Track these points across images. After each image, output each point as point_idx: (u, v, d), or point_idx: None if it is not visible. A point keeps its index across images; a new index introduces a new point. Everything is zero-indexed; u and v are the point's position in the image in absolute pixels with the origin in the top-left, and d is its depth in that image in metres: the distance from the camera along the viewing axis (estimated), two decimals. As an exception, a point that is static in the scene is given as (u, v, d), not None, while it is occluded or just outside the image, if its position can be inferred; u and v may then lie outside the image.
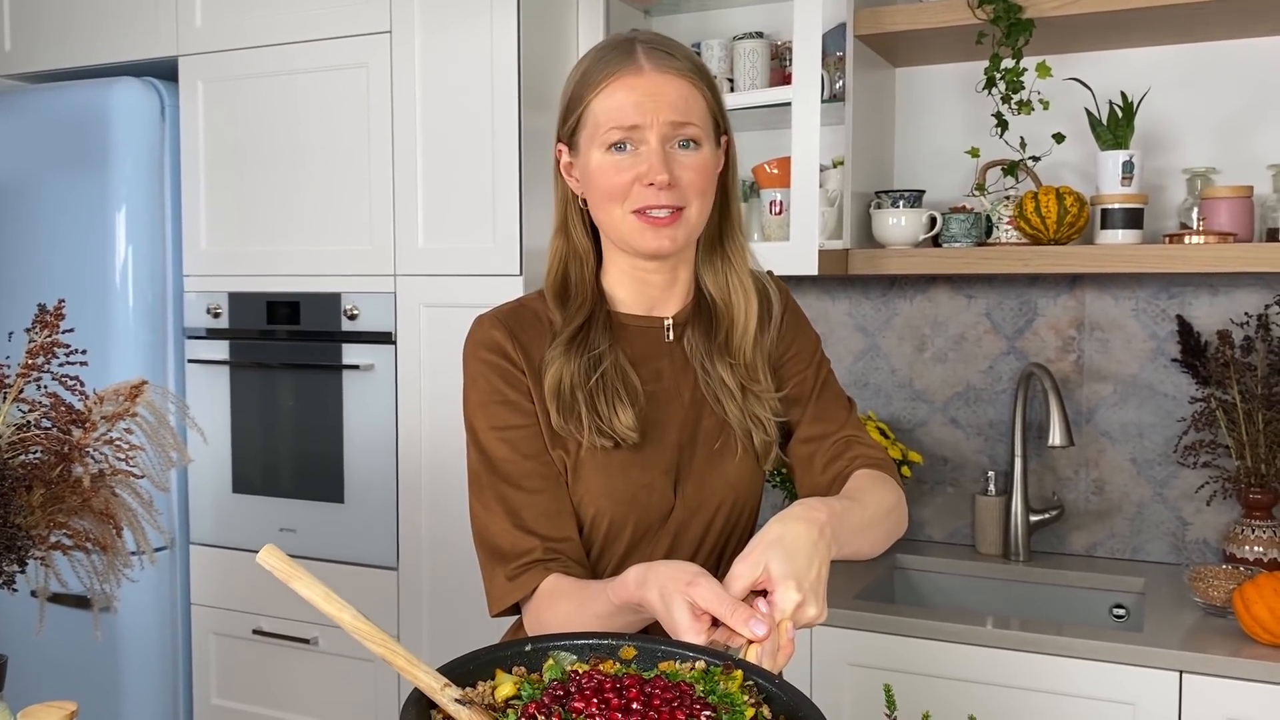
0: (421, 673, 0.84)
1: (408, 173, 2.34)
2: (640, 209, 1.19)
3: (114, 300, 2.56)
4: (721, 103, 1.25)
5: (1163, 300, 2.27)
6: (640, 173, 1.17)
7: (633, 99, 1.17)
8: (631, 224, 1.20)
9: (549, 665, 0.88)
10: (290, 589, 0.86)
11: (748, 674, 0.86)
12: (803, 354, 1.34)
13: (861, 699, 1.94)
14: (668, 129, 1.17)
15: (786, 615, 0.96)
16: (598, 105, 1.19)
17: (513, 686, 0.84)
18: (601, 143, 1.19)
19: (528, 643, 0.91)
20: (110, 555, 1.40)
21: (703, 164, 1.20)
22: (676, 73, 1.19)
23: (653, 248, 1.20)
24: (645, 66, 1.18)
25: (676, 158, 1.18)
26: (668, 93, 1.17)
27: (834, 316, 2.54)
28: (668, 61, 1.19)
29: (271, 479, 2.55)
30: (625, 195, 1.19)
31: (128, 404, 1.40)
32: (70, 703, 1.21)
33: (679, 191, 1.18)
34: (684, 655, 0.90)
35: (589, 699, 0.78)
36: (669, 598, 0.97)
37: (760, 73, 2.36)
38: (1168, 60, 2.26)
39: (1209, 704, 1.73)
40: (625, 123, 1.17)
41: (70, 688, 2.52)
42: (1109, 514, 2.33)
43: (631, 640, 0.91)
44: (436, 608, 2.36)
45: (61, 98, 2.63)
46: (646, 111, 1.17)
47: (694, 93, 1.20)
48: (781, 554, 0.98)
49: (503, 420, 1.23)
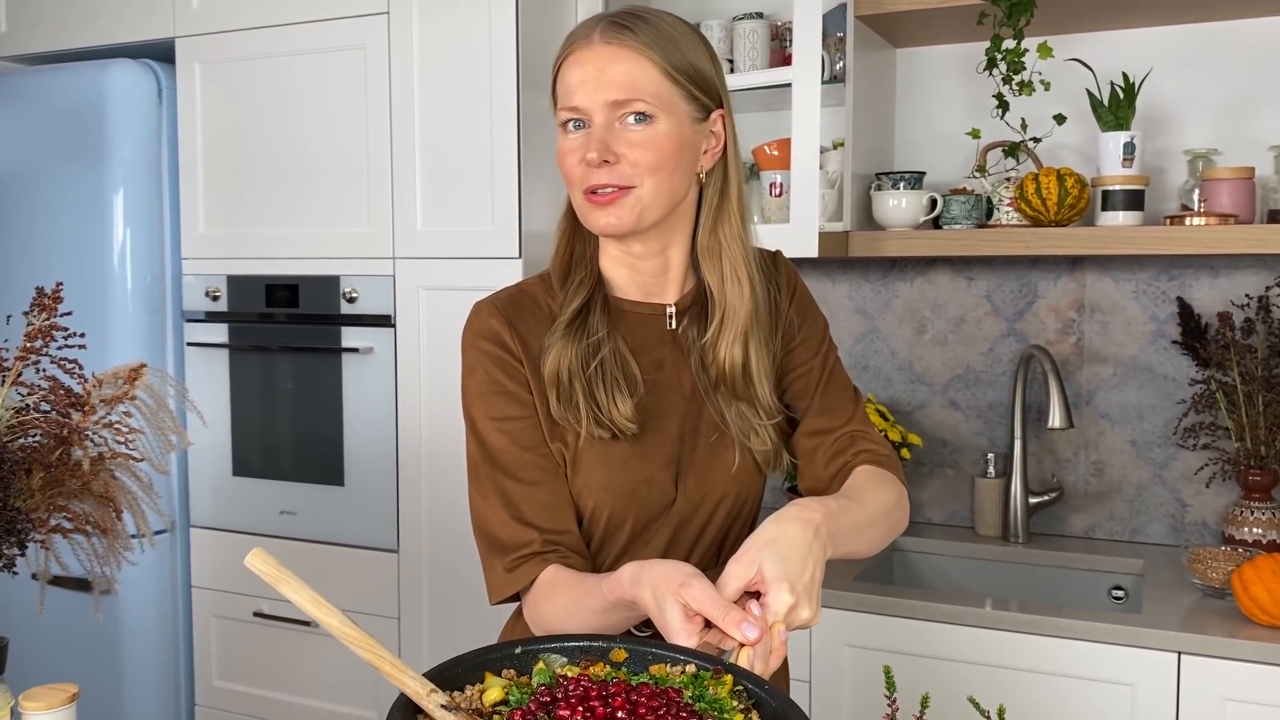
0: (408, 678, 0.83)
1: (406, 155, 2.33)
2: (586, 188, 1.17)
3: (112, 283, 2.55)
4: (702, 76, 1.19)
5: (1163, 282, 2.27)
6: (584, 154, 1.16)
7: (577, 77, 1.16)
8: (582, 204, 1.19)
9: (538, 669, 0.87)
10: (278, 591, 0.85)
11: (738, 679, 0.85)
12: (810, 341, 1.31)
13: (861, 680, 1.95)
14: (609, 108, 1.15)
15: (779, 618, 0.95)
16: (559, 83, 1.19)
17: (501, 691, 0.83)
18: (560, 121, 1.19)
19: (518, 645, 0.90)
20: (110, 538, 1.40)
21: (654, 139, 1.15)
22: (623, 45, 1.15)
23: (599, 226, 1.18)
24: (595, 40, 1.16)
25: (621, 135, 1.15)
26: (611, 69, 1.14)
27: (834, 299, 2.53)
28: (620, 35, 1.15)
29: (271, 462, 2.55)
30: (574, 177, 1.18)
31: (127, 387, 1.40)
32: (71, 685, 1.21)
33: (621, 171, 1.15)
34: (675, 658, 0.89)
35: (574, 706, 0.78)
36: (662, 598, 0.96)
37: (760, 53, 2.35)
38: (1169, 41, 2.25)
39: (1207, 685, 1.74)
40: (570, 103, 1.16)
41: (71, 670, 2.53)
42: (1108, 496, 2.34)
43: (622, 643, 0.90)
44: (436, 590, 2.36)
45: (58, 80, 2.62)
46: (588, 91, 1.15)
47: (645, 66, 1.15)
48: (775, 556, 0.97)
49: (501, 411, 1.21)
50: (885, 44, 2.41)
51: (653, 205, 1.17)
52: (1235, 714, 1.72)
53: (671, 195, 1.19)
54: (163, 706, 2.64)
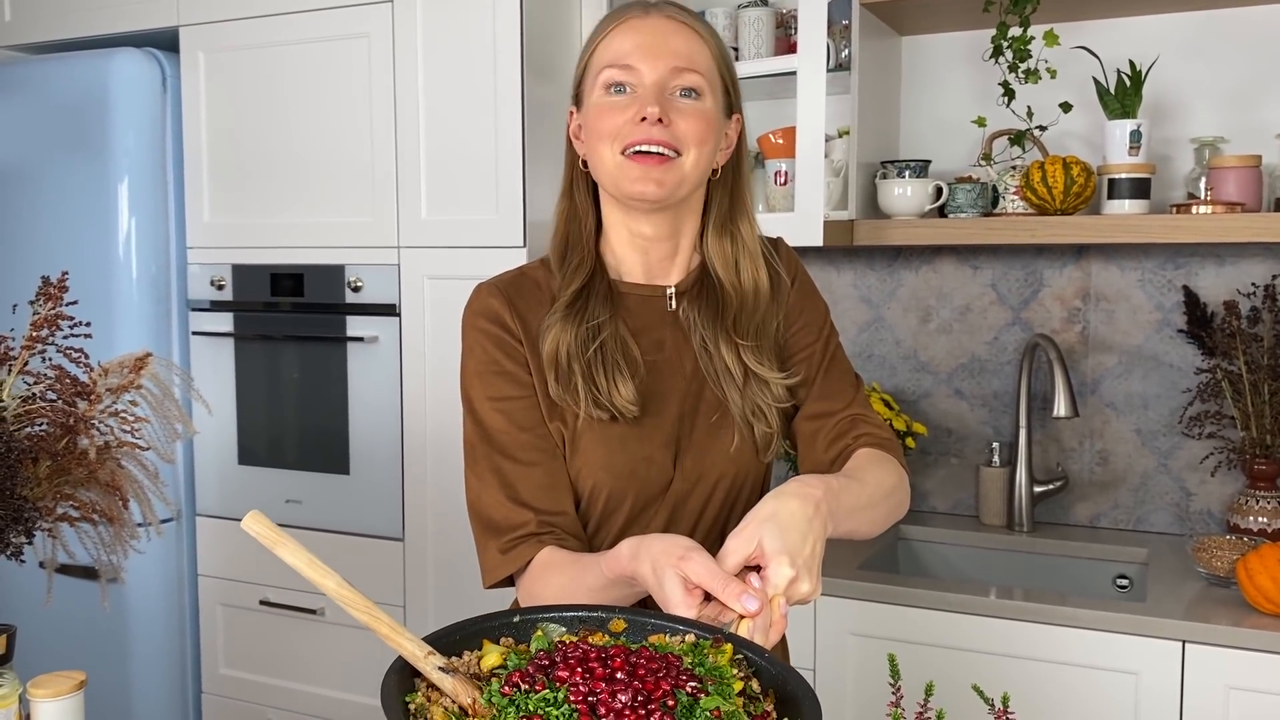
0: (405, 640, 0.83)
1: (410, 144, 2.33)
2: (630, 144, 1.15)
3: (117, 272, 2.55)
4: (735, 79, 1.24)
5: (1169, 271, 2.26)
6: (633, 113, 1.15)
7: (634, 40, 1.16)
8: (620, 163, 1.17)
9: (537, 636, 0.87)
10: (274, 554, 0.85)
11: (737, 648, 0.86)
12: (811, 325, 1.31)
13: (865, 669, 1.95)
14: (667, 73, 1.15)
15: (779, 591, 0.95)
16: (601, 49, 1.19)
17: (499, 657, 0.83)
18: (602, 84, 1.18)
19: (515, 614, 0.90)
20: (117, 527, 1.40)
21: (703, 114, 1.17)
22: (684, 23, 1.18)
23: (638, 190, 1.16)
24: (653, 14, 1.18)
25: (675, 103, 1.16)
26: (671, 39, 1.16)
27: (839, 288, 2.53)
28: (678, 13, 1.18)
29: (277, 451, 2.55)
30: (616, 134, 1.16)
31: (132, 376, 1.40)
32: (79, 672, 1.22)
33: (673, 133, 1.15)
34: (674, 629, 0.89)
35: (573, 668, 0.77)
36: (661, 571, 0.96)
37: (765, 41, 2.34)
38: (1176, 28, 2.24)
39: (1212, 674, 1.74)
40: (623, 62, 1.16)
41: (79, 658, 2.54)
42: (1113, 485, 2.33)
43: (621, 613, 0.90)
44: (442, 578, 2.37)
45: (62, 69, 2.61)
46: (646, 54, 1.15)
47: (703, 46, 1.18)
48: (775, 529, 0.97)
49: (499, 390, 1.21)
50: (890, 31, 2.40)
51: (690, 177, 1.19)
52: (1239, 702, 1.72)
53: (704, 173, 1.21)
54: (170, 694, 2.66)
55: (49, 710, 1.18)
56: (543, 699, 0.75)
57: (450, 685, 0.80)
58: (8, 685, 1.17)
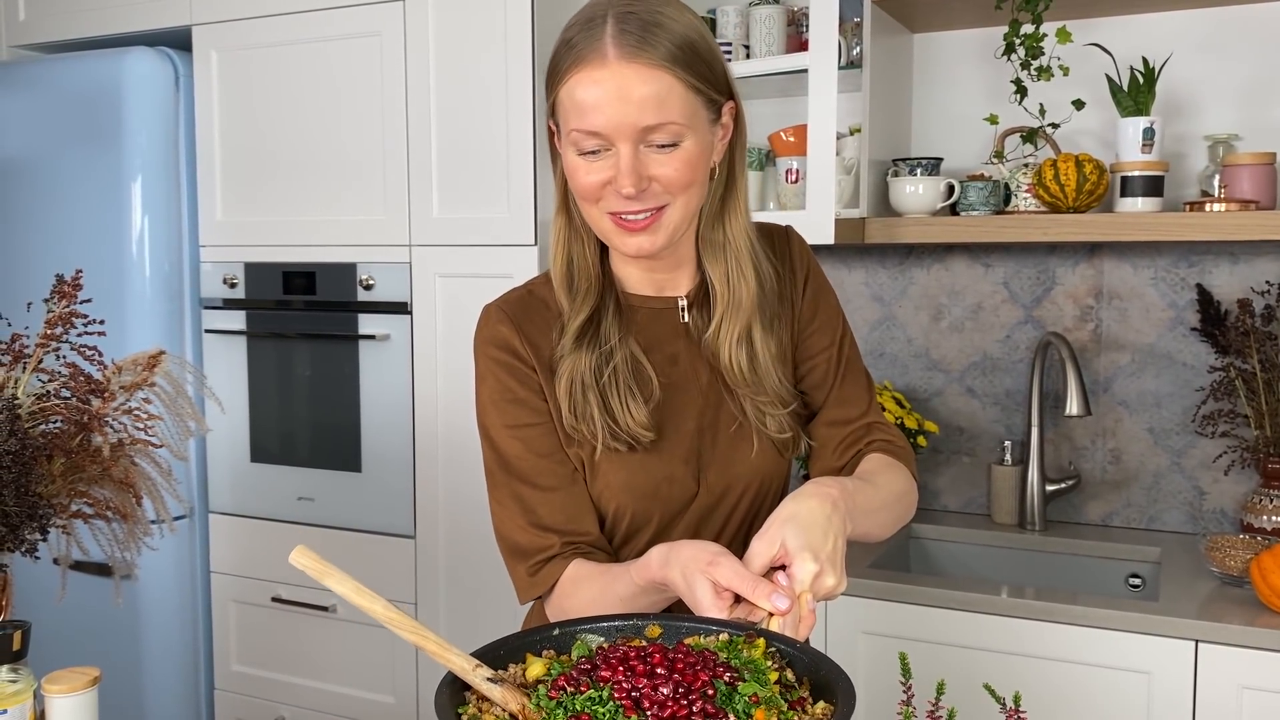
0: (454, 656, 0.86)
1: (421, 142, 2.34)
2: (615, 213, 1.12)
3: (131, 271, 2.57)
4: (716, 75, 1.13)
5: (1182, 269, 2.25)
6: (610, 177, 1.10)
7: (597, 98, 1.06)
8: (609, 226, 1.14)
9: (577, 645, 0.91)
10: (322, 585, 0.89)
11: (770, 641, 0.89)
12: (826, 328, 1.29)
13: (876, 668, 1.95)
14: (638, 134, 1.07)
15: (805, 586, 0.96)
16: (565, 98, 1.10)
17: (542, 667, 0.86)
18: (572, 144, 1.11)
19: (555, 627, 0.94)
20: (130, 523, 1.41)
21: (685, 160, 1.10)
22: (646, 63, 1.06)
23: (631, 251, 1.14)
24: (610, 55, 1.06)
25: (652, 158, 1.09)
26: (635, 91, 1.06)
27: (850, 286, 2.53)
28: (637, 50, 1.06)
29: (289, 448, 2.56)
30: (599, 197, 1.12)
31: (146, 374, 1.41)
32: (93, 668, 1.22)
33: (653, 193, 1.11)
34: (708, 629, 0.92)
35: (615, 668, 0.81)
36: (691, 577, 0.98)
37: (776, 39, 2.34)
38: (1190, 25, 2.23)
39: (1225, 673, 1.73)
40: (589, 127, 1.08)
41: (93, 654, 2.56)
42: (1125, 483, 2.33)
43: (656, 619, 0.93)
44: (454, 576, 2.37)
45: (75, 68, 2.63)
46: (613, 116, 1.06)
47: (671, 84, 1.07)
48: (796, 528, 0.99)
49: (514, 418, 1.21)
50: (902, 29, 2.39)
51: (682, 222, 1.15)
52: (1252, 702, 1.72)
53: (699, 205, 1.17)
54: (183, 690, 2.67)
55: (63, 706, 1.18)
56: (589, 698, 0.79)
57: (499, 695, 0.84)
58: (22, 681, 1.18)
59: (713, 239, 1.21)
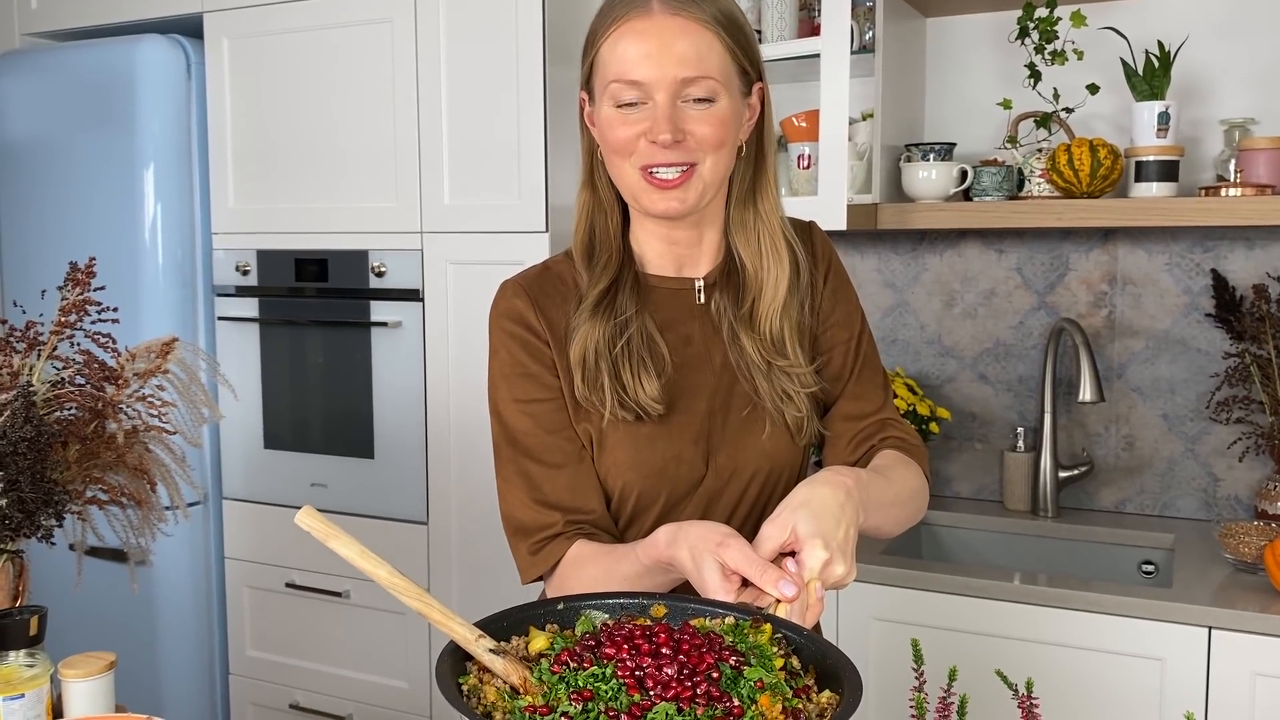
0: (457, 625, 0.86)
1: (433, 129, 2.33)
2: (646, 166, 1.13)
3: (144, 258, 2.57)
4: (752, 49, 1.17)
5: (1197, 254, 2.24)
6: (646, 129, 1.12)
7: (639, 50, 1.10)
8: (638, 182, 1.15)
9: (581, 621, 0.90)
10: (327, 547, 0.88)
11: (776, 627, 0.88)
12: (844, 322, 1.28)
13: (888, 654, 1.95)
14: (677, 85, 1.10)
15: (814, 574, 0.96)
16: (606, 52, 1.13)
17: (545, 641, 0.86)
18: (610, 97, 1.13)
19: (560, 601, 0.93)
20: (145, 510, 1.42)
21: (719, 118, 1.13)
22: (690, 18, 1.11)
23: (660, 209, 1.15)
24: (655, 9, 1.11)
25: (687, 113, 1.12)
26: (678, 44, 1.10)
27: (862, 272, 2.52)
28: (682, 5, 1.11)
29: (302, 435, 2.57)
30: (632, 150, 1.13)
31: (159, 361, 1.41)
32: (109, 653, 1.23)
33: (687, 148, 1.12)
34: (714, 612, 0.91)
35: (619, 645, 0.80)
36: (699, 558, 0.97)
37: (788, 23, 2.33)
38: (1205, 9, 2.21)
39: (1238, 660, 1.72)
40: (630, 77, 1.11)
41: (108, 639, 2.56)
42: (1139, 470, 2.32)
43: (662, 599, 0.93)
44: (466, 562, 2.38)
45: (87, 56, 2.63)
46: (653, 66, 1.10)
47: (711, 41, 1.11)
48: (808, 515, 0.98)
49: (524, 393, 1.21)
50: (915, 13, 2.38)
51: (712, 183, 1.16)
52: (1266, 689, 1.71)
53: (725, 173, 1.18)
54: (198, 675, 2.69)
55: (80, 690, 1.20)
56: (591, 674, 0.78)
57: (501, 666, 0.83)
58: (39, 666, 1.19)
59: (743, 219, 1.23)
